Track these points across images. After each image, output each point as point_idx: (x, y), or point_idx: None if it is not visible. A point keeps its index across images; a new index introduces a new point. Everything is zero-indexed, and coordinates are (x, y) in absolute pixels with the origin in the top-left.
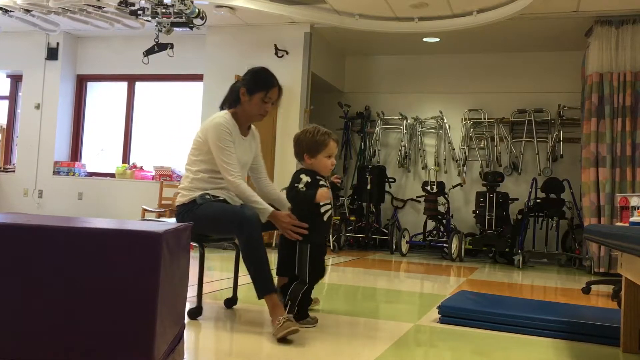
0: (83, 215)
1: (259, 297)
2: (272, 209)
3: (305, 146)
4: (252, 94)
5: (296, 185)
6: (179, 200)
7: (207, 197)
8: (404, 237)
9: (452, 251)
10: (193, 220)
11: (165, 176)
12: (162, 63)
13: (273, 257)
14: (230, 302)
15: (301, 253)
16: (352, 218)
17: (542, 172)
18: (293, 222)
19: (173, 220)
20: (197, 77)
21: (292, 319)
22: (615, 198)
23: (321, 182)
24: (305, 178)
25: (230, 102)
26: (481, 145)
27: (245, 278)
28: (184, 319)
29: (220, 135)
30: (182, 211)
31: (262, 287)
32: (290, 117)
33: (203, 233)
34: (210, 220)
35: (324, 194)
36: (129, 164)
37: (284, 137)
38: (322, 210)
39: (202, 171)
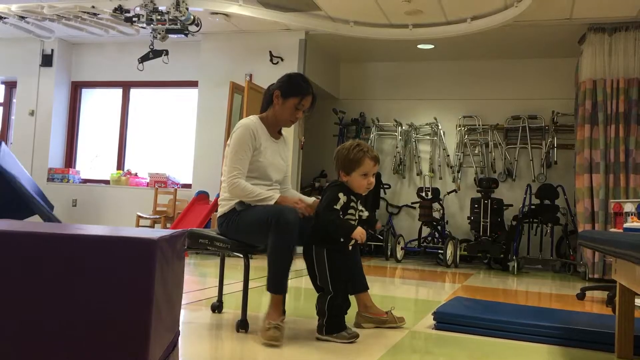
0: (77, 222)
1: (268, 289)
2: (278, 194)
3: (340, 163)
4: (286, 98)
5: (335, 207)
6: (220, 211)
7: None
8: (399, 244)
9: (447, 257)
10: (234, 229)
11: (160, 183)
12: (157, 69)
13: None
14: (216, 308)
15: (318, 260)
16: None
17: (537, 178)
18: (303, 204)
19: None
20: (192, 84)
21: (280, 327)
22: (609, 204)
23: (352, 204)
24: (342, 198)
25: (264, 105)
26: (476, 152)
27: (234, 286)
28: (178, 325)
29: (241, 136)
30: (223, 221)
31: (273, 284)
32: None
33: (248, 242)
34: (251, 224)
35: (359, 235)
36: (123, 170)
37: None
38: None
39: None
